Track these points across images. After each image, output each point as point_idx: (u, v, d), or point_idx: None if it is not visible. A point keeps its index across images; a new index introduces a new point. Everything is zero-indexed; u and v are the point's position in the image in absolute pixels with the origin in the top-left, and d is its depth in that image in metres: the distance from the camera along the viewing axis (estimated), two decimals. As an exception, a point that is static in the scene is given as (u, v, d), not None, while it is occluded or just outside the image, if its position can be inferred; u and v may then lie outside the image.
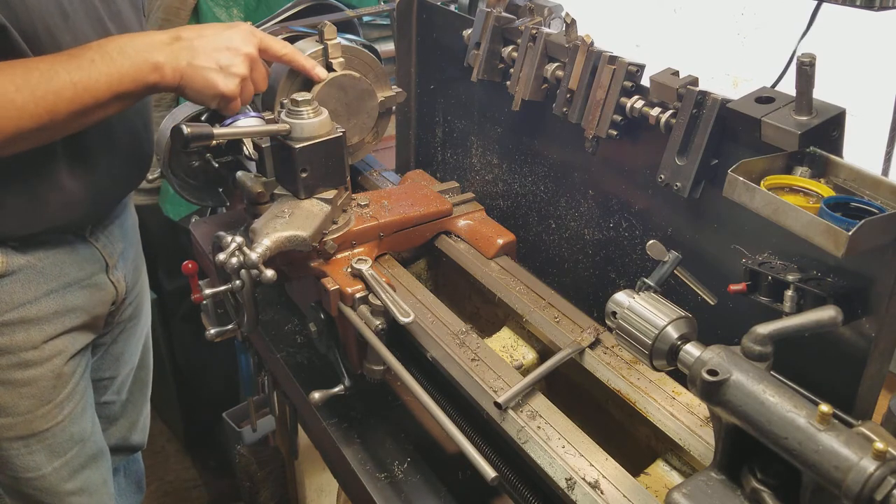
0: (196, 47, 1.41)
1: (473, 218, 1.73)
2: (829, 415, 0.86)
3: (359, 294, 1.40)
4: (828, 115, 1.10)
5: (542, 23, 1.57)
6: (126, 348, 2.02)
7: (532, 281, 1.56)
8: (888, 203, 1.02)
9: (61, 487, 1.79)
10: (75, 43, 1.45)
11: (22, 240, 1.58)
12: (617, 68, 1.36)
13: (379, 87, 1.76)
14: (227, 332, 1.64)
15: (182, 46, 1.41)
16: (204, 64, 1.41)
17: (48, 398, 1.70)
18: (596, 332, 1.39)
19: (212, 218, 2.20)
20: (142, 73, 1.37)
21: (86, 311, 1.73)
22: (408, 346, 1.47)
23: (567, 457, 1.18)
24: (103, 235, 1.75)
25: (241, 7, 2.55)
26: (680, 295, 1.32)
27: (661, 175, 1.30)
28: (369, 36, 2.54)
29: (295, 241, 1.38)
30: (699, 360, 0.98)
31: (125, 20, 1.63)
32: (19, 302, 1.60)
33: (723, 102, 1.20)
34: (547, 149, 1.66)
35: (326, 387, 1.46)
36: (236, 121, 1.48)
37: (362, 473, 1.44)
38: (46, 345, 1.67)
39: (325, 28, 1.64)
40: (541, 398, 1.29)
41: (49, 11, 1.42)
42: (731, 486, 0.99)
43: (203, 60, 1.41)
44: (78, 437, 1.79)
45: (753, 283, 1.15)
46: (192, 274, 1.65)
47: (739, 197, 1.06)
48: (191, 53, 1.40)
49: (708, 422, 1.19)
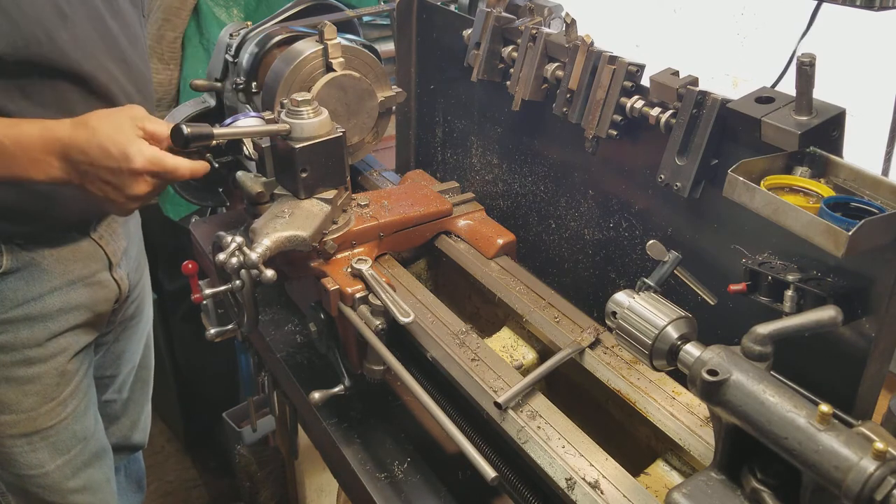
0: (85, 173, 1.37)
1: (473, 218, 1.73)
2: (829, 415, 0.86)
3: (359, 294, 1.40)
4: (828, 115, 1.10)
5: (542, 23, 1.57)
6: (128, 346, 2.02)
7: (532, 281, 1.56)
8: (888, 203, 1.02)
9: (64, 485, 1.79)
10: (74, 43, 1.46)
11: (26, 237, 1.58)
12: (617, 68, 1.36)
13: (379, 87, 1.76)
14: (227, 332, 1.64)
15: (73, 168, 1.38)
16: (96, 193, 1.39)
17: (52, 395, 1.71)
18: (596, 332, 1.39)
19: (212, 218, 2.20)
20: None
21: (89, 309, 1.74)
22: (408, 346, 1.47)
23: (567, 457, 1.18)
24: (107, 233, 1.75)
25: (241, 7, 2.55)
26: (680, 295, 1.32)
27: (661, 175, 1.30)
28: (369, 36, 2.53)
29: (295, 241, 1.38)
30: (699, 360, 0.98)
31: (126, 17, 1.64)
32: (24, 299, 1.61)
33: (723, 102, 1.20)
34: (547, 149, 1.66)
35: (326, 387, 1.46)
36: (236, 121, 1.48)
37: (362, 473, 1.44)
38: (50, 342, 1.67)
39: (325, 28, 1.64)
40: (541, 398, 1.29)
41: (47, 15, 1.42)
42: (731, 486, 0.99)
43: (94, 188, 1.39)
44: (81, 435, 1.80)
45: (753, 283, 1.15)
46: (192, 274, 1.65)
47: (739, 197, 1.06)
48: (82, 177, 1.38)
49: (708, 422, 1.19)
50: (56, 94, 1.49)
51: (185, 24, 2.55)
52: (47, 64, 1.44)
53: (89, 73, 1.51)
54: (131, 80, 1.63)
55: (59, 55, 1.44)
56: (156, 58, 2.53)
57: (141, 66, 1.69)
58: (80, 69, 1.49)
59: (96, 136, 1.33)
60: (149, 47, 2.30)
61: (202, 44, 2.56)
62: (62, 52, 1.45)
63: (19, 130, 1.35)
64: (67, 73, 1.48)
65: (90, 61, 1.51)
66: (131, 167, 1.33)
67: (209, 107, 1.93)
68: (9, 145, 1.34)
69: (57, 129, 1.35)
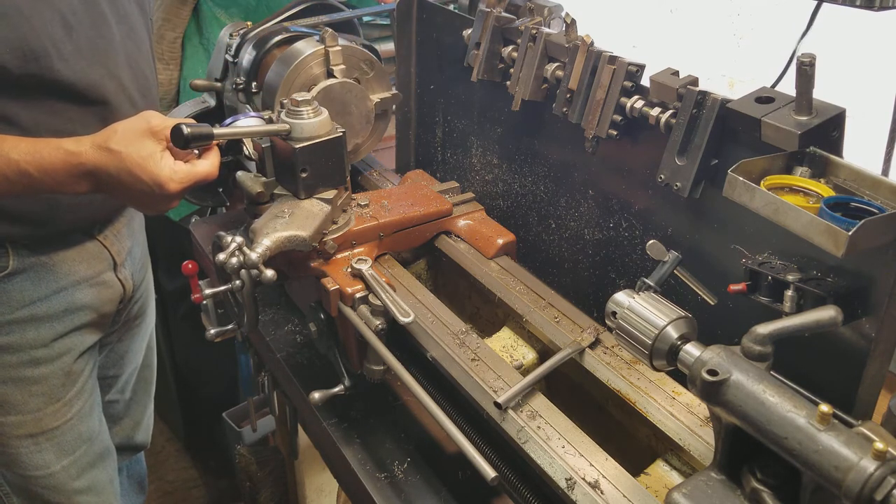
0: (115, 189, 1.40)
1: (473, 218, 1.73)
2: (829, 415, 0.86)
3: (359, 294, 1.40)
4: (828, 115, 1.10)
5: (542, 23, 1.57)
6: (131, 347, 2.03)
7: (532, 281, 1.56)
8: (888, 203, 1.02)
9: (69, 486, 1.79)
10: (78, 54, 1.47)
11: (32, 239, 1.58)
12: (617, 68, 1.36)
13: (378, 86, 1.76)
14: (227, 332, 1.64)
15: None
16: (128, 203, 1.48)
17: (57, 396, 1.71)
18: (596, 332, 1.39)
19: (212, 218, 2.21)
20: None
21: (94, 309, 1.74)
22: (408, 346, 1.47)
23: (567, 457, 1.18)
24: (111, 234, 1.75)
25: (241, 7, 2.55)
26: (680, 295, 1.32)
27: (661, 175, 1.30)
28: (369, 36, 2.53)
29: (295, 241, 1.38)
30: (699, 360, 0.98)
31: (133, 22, 1.64)
32: (29, 300, 1.61)
33: (723, 102, 1.20)
34: (547, 149, 1.66)
35: (326, 387, 1.46)
36: (236, 121, 1.48)
37: (362, 473, 1.44)
38: (56, 343, 1.68)
39: (326, 36, 1.65)
40: (541, 398, 1.29)
41: (53, 27, 1.43)
42: (731, 486, 0.99)
43: (126, 201, 1.48)
44: (86, 436, 1.80)
45: (753, 283, 1.15)
46: (192, 274, 1.65)
47: (739, 197, 1.06)
48: (112, 192, 1.41)
49: (708, 422, 1.19)
50: (62, 104, 1.50)
51: (185, 24, 2.55)
52: (52, 76, 1.44)
53: (94, 82, 1.52)
54: (137, 86, 1.64)
55: (64, 66, 1.45)
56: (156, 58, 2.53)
57: (147, 70, 1.70)
58: (87, 79, 1.50)
59: (124, 163, 1.34)
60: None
61: (202, 44, 2.56)
62: (67, 64, 1.46)
63: (41, 157, 1.35)
64: (72, 84, 1.48)
65: (96, 70, 1.52)
66: (165, 192, 1.36)
67: (209, 107, 1.93)
68: (33, 172, 1.35)
69: (81, 155, 1.35)
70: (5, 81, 1.41)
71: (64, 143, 1.36)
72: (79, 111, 1.52)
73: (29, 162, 1.35)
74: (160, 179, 1.35)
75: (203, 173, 1.40)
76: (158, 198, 1.38)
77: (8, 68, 1.39)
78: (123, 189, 1.37)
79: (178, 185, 1.37)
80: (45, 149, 1.35)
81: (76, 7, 1.47)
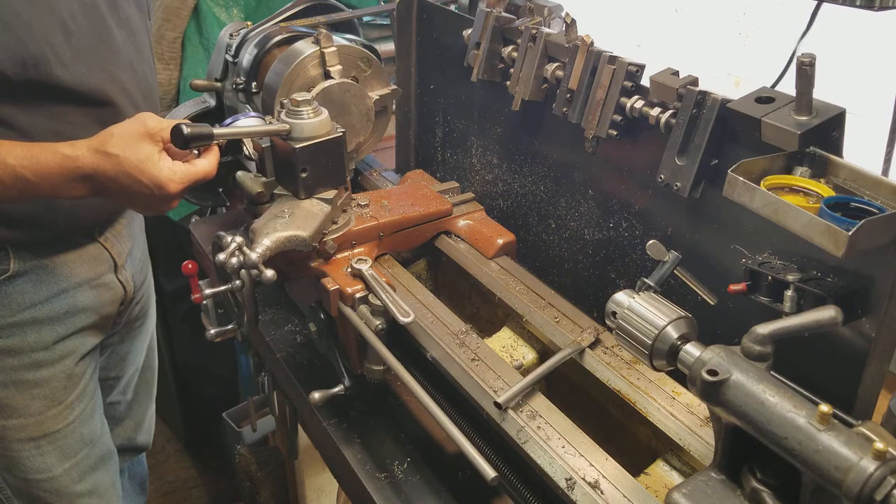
0: (113, 192, 1.39)
1: (473, 218, 1.73)
2: (829, 415, 0.86)
3: (359, 294, 1.40)
4: (828, 115, 1.10)
5: (542, 23, 1.57)
6: (132, 348, 2.02)
7: (532, 281, 1.56)
8: (888, 203, 1.02)
9: (71, 489, 1.79)
10: (78, 60, 1.47)
11: (32, 241, 1.58)
12: (617, 68, 1.36)
13: (377, 83, 1.76)
14: (227, 332, 1.64)
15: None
16: (128, 205, 1.50)
17: (59, 399, 1.71)
18: (596, 332, 1.39)
19: (212, 218, 2.21)
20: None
21: (95, 312, 1.74)
22: (408, 346, 1.47)
23: (567, 457, 1.18)
24: (112, 235, 1.75)
25: (241, 7, 2.55)
26: (680, 295, 1.32)
27: (660, 175, 1.30)
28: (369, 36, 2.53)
29: (295, 241, 1.38)
30: (699, 360, 0.98)
31: (133, 25, 1.64)
32: (30, 303, 1.61)
33: (723, 102, 1.20)
34: (547, 149, 1.66)
35: (326, 387, 1.46)
36: (236, 121, 1.48)
37: (362, 473, 1.43)
38: (57, 345, 1.67)
39: (322, 37, 1.65)
40: (541, 398, 1.29)
41: (53, 33, 1.43)
42: (731, 486, 0.99)
43: (126, 203, 1.49)
44: (88, 439, 1.80)
45: (753, 283, 1.15)
46: (192, 274, 1.65)
47: (739, 197, 1.06)
48: (111, 195, 1.41)
49: (708, 422, 1.19)
50: (62, 108, 1.50)
51: (185, 24, 2.55)
52: (52, 82, 1.44)
53: (95, 87, 1.52)
54: (137, 88, 1.64)
55: (64, 72, 1.45)
56: (156, 58, 2.53)
57: (147, 72, 1.70)
58: (87, 84, 1.50)
59: (122, 166, 1.34)
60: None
61: (202, 44, 2.56)
62: (66, 70, 1.46)
63: (38, 162, 1.35)
64: (72, 89, 1.48)
65: (96, 74, 1.52)
66: (165, 194, 1.37)
67: (209, 107, 1.94)
68: (30, 177, 1.35)
69: (78, 159, 1.35)
70: (4, 87, 1.40)
71: (60, 148, 1.36)
72: (79, 114, 1.52)
73: (25, 167, 1.34)
74: (160, 181, 1.35)
75: (202, 172, 1.40)
76: (158, 199, 1.38)
77: (7, 75, 1.38)
78: (122, 192, 1.37)
79: (178, 185, 1.37)
80: (41, 153, 1.35)
81: (76, 12, 1.47)
